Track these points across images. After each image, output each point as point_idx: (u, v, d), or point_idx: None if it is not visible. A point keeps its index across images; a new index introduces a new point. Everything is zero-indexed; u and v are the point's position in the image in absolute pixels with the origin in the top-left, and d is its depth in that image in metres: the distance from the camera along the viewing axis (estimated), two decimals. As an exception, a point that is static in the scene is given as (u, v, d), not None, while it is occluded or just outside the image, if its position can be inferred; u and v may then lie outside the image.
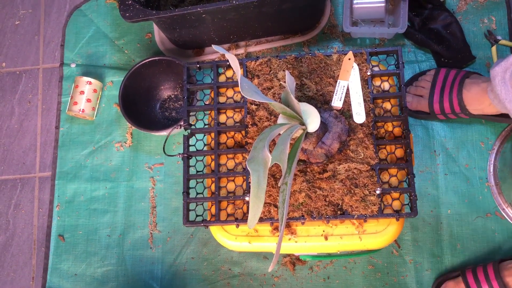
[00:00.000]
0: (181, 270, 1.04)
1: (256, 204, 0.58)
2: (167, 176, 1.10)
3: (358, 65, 0.77)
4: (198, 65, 0.80)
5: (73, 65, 1.20)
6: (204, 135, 0.81)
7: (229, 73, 0.82)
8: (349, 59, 0.76)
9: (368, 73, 0.76)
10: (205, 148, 0.80)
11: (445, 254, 0.97)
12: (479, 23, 1.08)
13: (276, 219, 0.71)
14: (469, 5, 1.09)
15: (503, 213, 0.97)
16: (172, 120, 1.13)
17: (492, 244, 0.97)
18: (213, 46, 0.64)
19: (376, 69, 0.79)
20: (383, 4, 1.03)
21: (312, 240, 0.74)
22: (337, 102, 0.75)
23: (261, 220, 0.71)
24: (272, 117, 0.76)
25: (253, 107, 0.77)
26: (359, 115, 0.75)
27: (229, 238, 0.76)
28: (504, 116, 0.96)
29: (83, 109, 1.12)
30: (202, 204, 0.78)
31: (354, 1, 1.04)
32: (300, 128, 0.66)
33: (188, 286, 1.03)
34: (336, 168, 0.72)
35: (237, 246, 0.76)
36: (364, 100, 0.75)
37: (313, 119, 0.67)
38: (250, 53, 1.14)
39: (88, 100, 1.12)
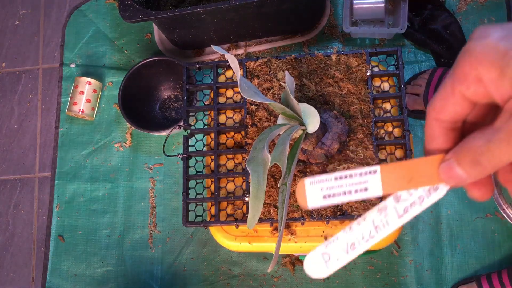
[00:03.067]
0: (180, 270, 1.04)
1: (255, 204, 0.58)
2: (166, 176, 1.09)
3: (357, 65, 0.76)
4: (197, 66, 0.80)
5: (72, 65, 1.20)
6: (204, 136, 0.81)
7: (228, 74, 0.82)
8: None
9: (368, 74, 0.76)
10: (205, 149, 0.80)
11: (445, 254, 0.97)
12: (479, 23, 1.08)
13: (275, 219, 0.71)
14: (469, 5, 1.09)
15: (503, 214, 0.97)
16: (172, 120, 1.13)
17: (492, 244, 0.97)
18: (212, 46, 0.64)
19: (376, 69, 0.78)
20: (383, 5, 1.03)
21: (312, 240, 0.74)
22: None
23: (260, 220, 0.71)
24: (271, 117, 0.76)
25: (253, 107, 0.77)
26: None
27: (228, 238, 0.76)
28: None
29: (82, 109, 1.11)
30: (202, 204, 0.77)
31: (354, 1, 1.04)
32: (300, 128, 0.66)
33: (188, 286, 1.03)
34: (336, 168, 0.72)
35: (237, 247, 0.76)
36: (363, 100, 0.75)
37: (312, 119, 0.67)
38: (250, 54, 1.14)
39: (88, 100, 1.12)
